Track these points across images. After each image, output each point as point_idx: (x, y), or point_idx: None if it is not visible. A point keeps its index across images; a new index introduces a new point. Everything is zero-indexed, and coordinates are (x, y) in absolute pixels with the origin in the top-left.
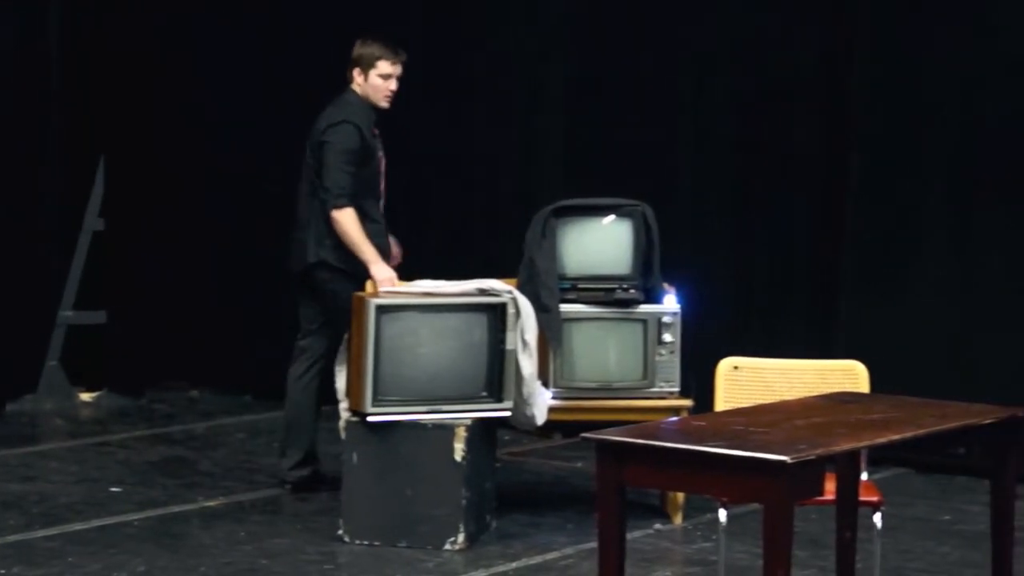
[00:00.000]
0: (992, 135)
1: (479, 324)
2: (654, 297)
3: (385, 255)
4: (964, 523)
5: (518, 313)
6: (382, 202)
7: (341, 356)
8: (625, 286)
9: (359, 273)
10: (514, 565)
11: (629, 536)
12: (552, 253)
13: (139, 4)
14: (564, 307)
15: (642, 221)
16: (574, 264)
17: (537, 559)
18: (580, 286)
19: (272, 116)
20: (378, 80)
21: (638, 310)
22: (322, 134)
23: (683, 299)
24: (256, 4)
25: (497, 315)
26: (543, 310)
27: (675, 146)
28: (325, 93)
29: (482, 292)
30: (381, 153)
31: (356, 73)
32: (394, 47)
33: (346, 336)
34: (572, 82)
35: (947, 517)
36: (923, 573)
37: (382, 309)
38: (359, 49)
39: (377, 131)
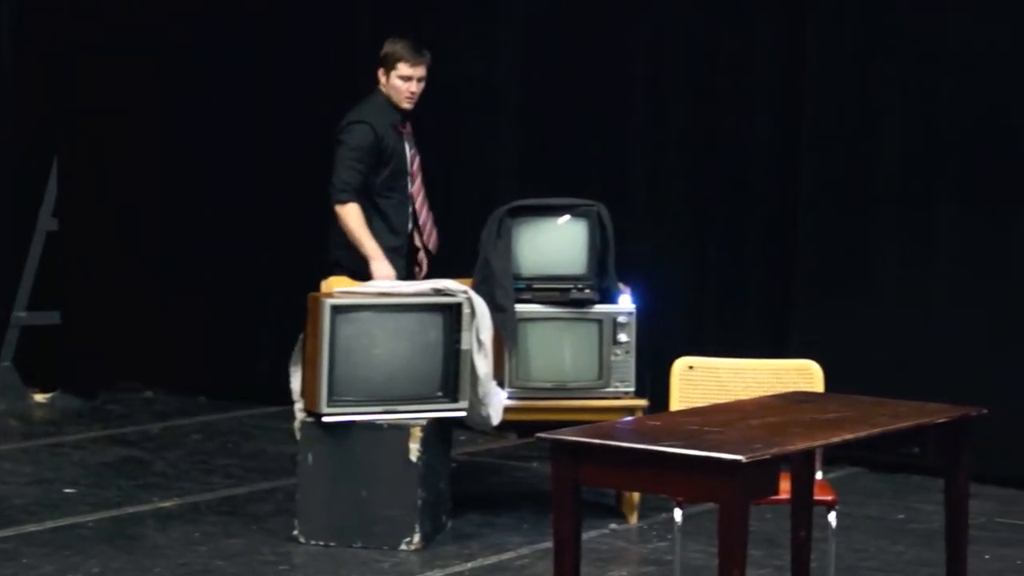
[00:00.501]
0: (946, 137)
1: (434, 324)
2: (609, 297)
3: (399, 254)
4: (918, 522)
5: (473, 313)
6: (414, 204)
7: (296, 356)
8: (580, 286)
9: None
10: (470, 565)
11: (585, 536)
12: (507, 253)
13: (93, 4)
14: (519, 307)
15: (597, 221)
16: (529, 264)
17: (493, 559)
18: (535, 286)
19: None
20: (398, 81)
21: (593, 310)
22: (338, 132)
23: (638, 299)
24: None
25: (452, 315)
26: (498, 310)
27: (630, 146)
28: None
29: (437, 292)
30: (413, 151)
31: (381, 73)
32: (417, 48)
33: (301, 336)
34: (528, 82)
35: (901, 516)
36: (878, 572)
37: (337, 309)
38: (384, 49)
39: (407, 129)
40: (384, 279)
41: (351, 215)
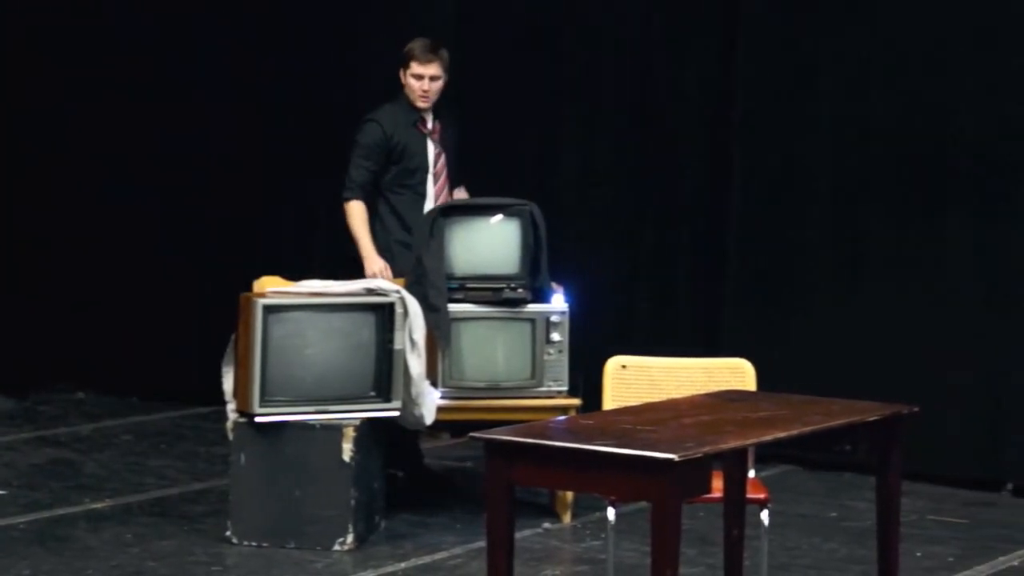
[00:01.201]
0: (876, 139)
1: (367, 324)
2: (542, 296)
3: (412, 250)
4: (850, 519)
5: (406, 313)
6: (431, 203)
7: (228, 357)
8: (513, 285)
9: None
10: (403, 565)
11: (518, 535)
12: (440, 253)
13: (23, 2)
14: (452, 307)
15: (530, 220)
16: (462, 264)
17: (426, 559)
18: (468, 286)
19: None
20: (412, 80)
21: (526, 309)
22: (354, 132)
23: (571, 298)
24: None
25: (385, 315)
26: (431, 310)
27: (562, 146)
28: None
29: (370, 292)
30: (438, 151)
31: (400, 73)
32: (429, 46)
33: (233, 336)
34: (459, 82)
35: (834, 514)
36: (810, 569)
37: (269, 309)
38: (404, 48)
39: (430, 128)
40: (377, 275)
41: (352, 213)
